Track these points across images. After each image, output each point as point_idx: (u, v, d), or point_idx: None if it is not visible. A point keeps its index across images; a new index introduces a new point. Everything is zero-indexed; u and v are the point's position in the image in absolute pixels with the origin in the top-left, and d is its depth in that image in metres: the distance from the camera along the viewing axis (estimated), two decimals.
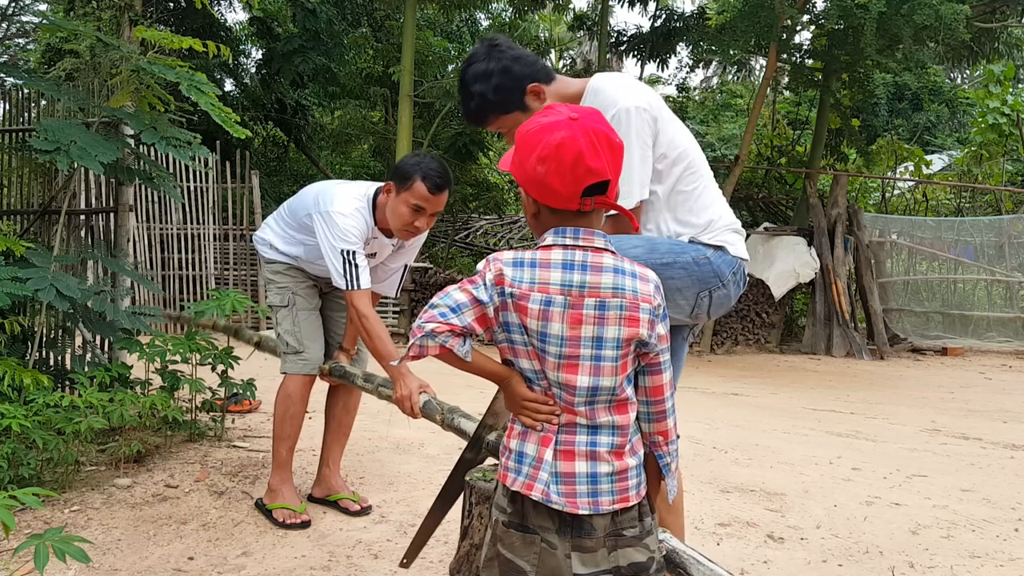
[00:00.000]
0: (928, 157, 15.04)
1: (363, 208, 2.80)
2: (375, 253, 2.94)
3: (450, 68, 13.54)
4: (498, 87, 1.93)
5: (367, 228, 2.81)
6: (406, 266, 3.15)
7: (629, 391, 1.37)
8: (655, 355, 1.37)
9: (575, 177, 1.31)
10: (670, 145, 1.93)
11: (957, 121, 16.92)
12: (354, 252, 2.71)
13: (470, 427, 2.33)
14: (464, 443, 2.42)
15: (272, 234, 3.05)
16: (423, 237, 3.05)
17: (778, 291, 9.97)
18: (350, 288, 2.69)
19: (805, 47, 10.76)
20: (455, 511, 2.51)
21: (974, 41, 10.00)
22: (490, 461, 2.27)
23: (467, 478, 2.13)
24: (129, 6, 4.22)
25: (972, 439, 5.00)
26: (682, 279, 1.84)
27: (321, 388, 3.16)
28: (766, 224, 10.93)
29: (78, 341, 4.16)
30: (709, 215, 1.95)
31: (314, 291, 3.09)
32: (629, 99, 1.87)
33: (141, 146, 4.44)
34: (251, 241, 3.24)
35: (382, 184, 2.90)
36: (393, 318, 10.39)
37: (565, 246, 1.35)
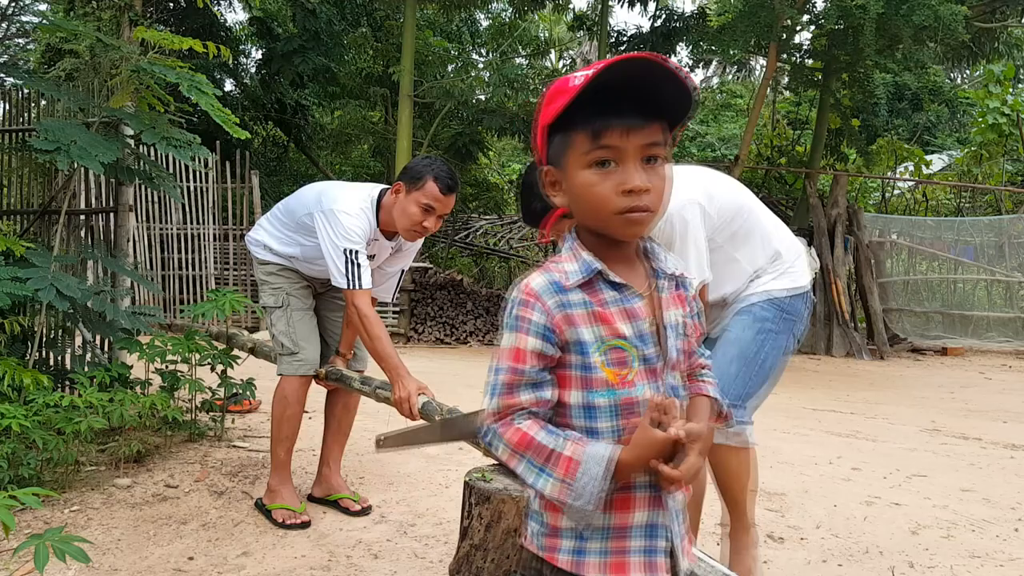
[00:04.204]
0: (928, 157, 15.04)
1: (367, 209, 2.80)
2: (374, 255, 2.94)
3: (450, 68, 13.54)
4: None
5: (370, 229, 2.81)
6: (403, 271, 3.14)
7: None
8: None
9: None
10: (721, 213, 2.18)
11: (957, 121, 16.91)
12: (357, 251, 2.70)
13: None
14: (463, 444, 2.42)
15: (266, 235, 3.04)
16: (420, 242, 3.05)
17: None
18: (352, 287, 2.69)
19: (805, 47, 10.76)
20: (455, 511, 2.51)
21: (974, 41, 10.00)
22: (489, 461, 2.27)
23: (467, 478, 2.13)
24: (129, 6, 4.22)
25: (972, 439, 5.00)
26: (779, 347, 2.19)
27: (320, 388, 3.15)
28: None
29: (78, 341, 4.16)
30: (775, 246, 2.23)
31: (308, 291, 3.08)
32: (678, 198, 2.04)
33: (141, 146, 4.44)
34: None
35: (385, 186, 2.90)
36: (393, 318, 10.39)
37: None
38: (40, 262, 3.27)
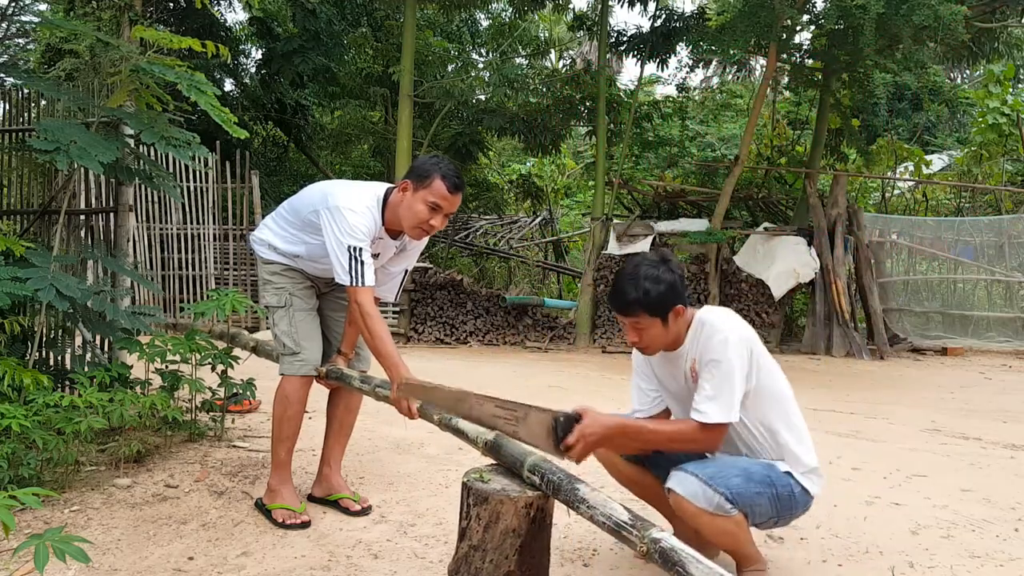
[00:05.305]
0: (928, 157, 15.02)
1: (373, 207, 2.80)
2: (378, 254, 2.93)
3: (450, 68, 13.53)
4: (662, 294, 2.26)
5: (375, 227, 2.81)
6: (406, 271, 3.14)
7: None
8: None
9: None
10: (768, 377, 2.38)
11: (957, 121, 16.90)
12: (360, 249, 2.70)
13: (467, 428, 2.33)
14: (463, 444, 2.42)
15: (271, 234, 3.04)
16: (424, 242, 3.05)
17: (778, 291, 9.96)
18: (354, 284, 2.68)
19: (805, 47, 10.75)
20: (455, 511, 2.49)
21: (974, 41, 9.98)
22: (488, 461, 2.27)
23: (464, 479, 2.13)
24: (129, 6, 4.22)
25: (972, 439, 5.00)
26: (765, 507, 2.30)
27: (321, 388, 3.15)
28: (766, 224, 10.92)
29: (78, 341, 4.16)
30: (801, 450, 2.41)
31: (311, 292, 3.08)
32: (734, 330, 2.27)
33: (141, 146, 4.44)
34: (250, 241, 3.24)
35: (391, 185, 2.90)
36: (393, 318, 10.40)
37: None
38: (40, 262, 3.27)
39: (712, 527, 2.24)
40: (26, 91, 4.60)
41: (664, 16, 11.65)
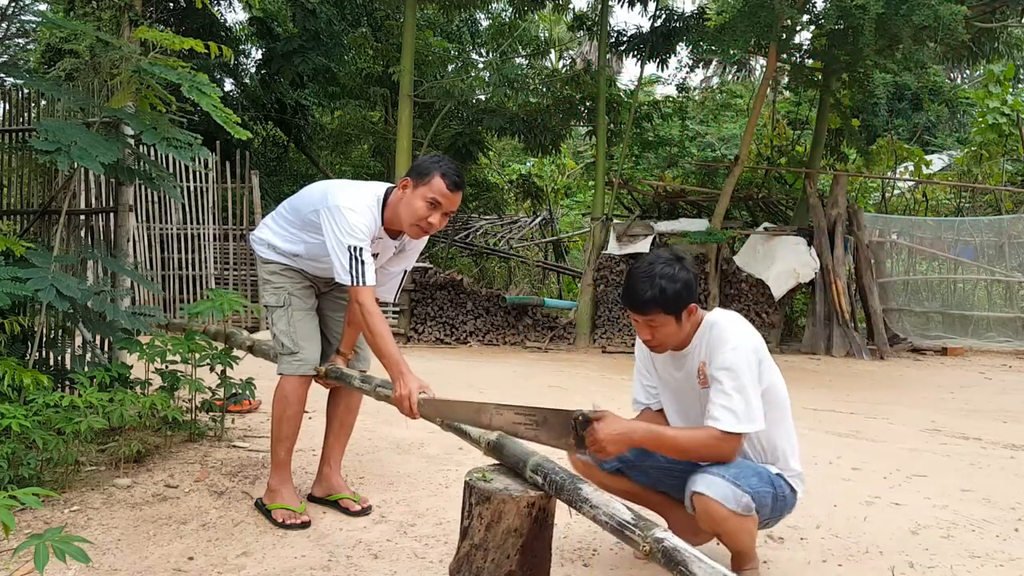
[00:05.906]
0: (928, 157, 15.02)
1: (373, 206, 2.80)
2: (377, 254, 2.93)
3: (450, 68, 13.53)
4: (678, 292, 2.28)
5: (375, 227, 2.81)
6: (405, 271, 3.14)
7: None
8: None
9: None
10: (771, 384, 2.39)
11: (957, 121, 16.90)
12: (361, 248, 2.70)
13: (470, 428, 2.33)
14: (463, 444, 2.42)
15: (271, 233, 3.04)
16: (423, 242, 3.05)
17: (778, 291, 9.96)
18: (355, 284, 2.68)
19: (805, 47, 10.75)
20: (455, 511, 2.49)
21: (974, 41, 9.98)
22: (490, 461, 2.27)
23: (467, 479, 2.13)
24: (129, 6, 4.22)
25: (972, 439, 5.00)
26: (769, 507, 2.35)
27: (322, 387, 3.15)
28: (766, 224, 10.92)
29: (78, 341, 4.16)
30: (791, 454, 2.47)
31: (311, 291, 3.08)
32: (745, 339, 2.31)
33: (141, 146, 4.44)
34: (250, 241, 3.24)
35: (391, 184, 2.90)
36: (393, 318, 10.40)
37: None
38: (40, 262, 3.27)
39: (736, 528, 2.25)
40: (26, 91, 4.60)
41: (664, 16, 11.65)
